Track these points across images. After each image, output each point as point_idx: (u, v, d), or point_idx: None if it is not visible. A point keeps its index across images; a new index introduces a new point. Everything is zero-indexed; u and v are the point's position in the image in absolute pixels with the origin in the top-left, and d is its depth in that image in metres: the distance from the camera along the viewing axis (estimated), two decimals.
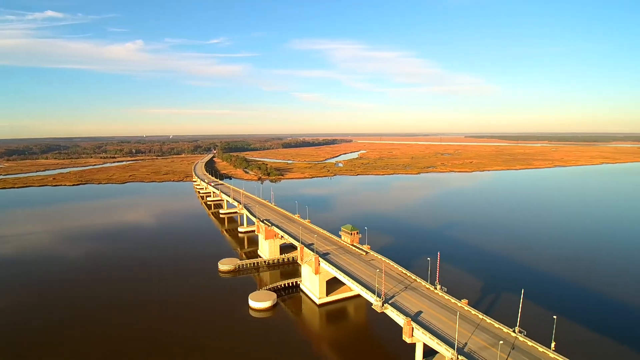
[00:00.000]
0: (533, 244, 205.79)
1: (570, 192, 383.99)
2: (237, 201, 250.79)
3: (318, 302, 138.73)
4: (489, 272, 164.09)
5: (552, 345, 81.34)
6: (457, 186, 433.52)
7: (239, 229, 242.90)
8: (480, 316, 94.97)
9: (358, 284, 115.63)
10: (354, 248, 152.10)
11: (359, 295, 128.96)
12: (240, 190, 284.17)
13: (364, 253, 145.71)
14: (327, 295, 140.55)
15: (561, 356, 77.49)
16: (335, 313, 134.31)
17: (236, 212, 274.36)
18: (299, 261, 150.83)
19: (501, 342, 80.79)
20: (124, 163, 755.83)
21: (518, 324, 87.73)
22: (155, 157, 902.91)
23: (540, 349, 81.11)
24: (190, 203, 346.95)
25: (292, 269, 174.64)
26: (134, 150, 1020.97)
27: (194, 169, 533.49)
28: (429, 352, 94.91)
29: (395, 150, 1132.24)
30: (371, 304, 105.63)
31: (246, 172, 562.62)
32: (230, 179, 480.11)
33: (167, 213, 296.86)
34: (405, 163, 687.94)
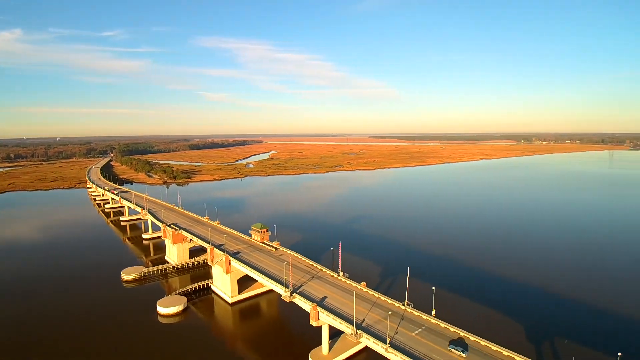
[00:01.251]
0: (418, 230, 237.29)
1: (452, 184, 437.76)
2: (140, 207, 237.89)
3: (230, 301, 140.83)
4: (383, 256, 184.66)
5: (433, 312, 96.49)
6: (361, 183, 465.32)
7: (144, 236, 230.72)
8: (377, 295, 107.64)
9: (268, 279, 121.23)
10: (264, 245, 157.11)
11: (271, 290, 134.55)
12: (144, 195, 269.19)
13: (274, 249, 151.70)
14: (239, 294, 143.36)
15: (441, 320, 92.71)
16: (248, 310, 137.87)
17: (140, 219, 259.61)
18: (209, 263, 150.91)
19: (390, 312, 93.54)
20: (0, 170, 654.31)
21: (406, 297, 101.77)
22: (39, 162, 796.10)
23: (424, 317, 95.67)
24: (85, 212, 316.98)
25: (202, 271, 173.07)
26: (12, 155, 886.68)
27: (88, 174, 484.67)
28: (335, 333, 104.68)
29: (305, 150, 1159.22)
30: (281, 296, 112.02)
31: (149, 176, 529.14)
32: (132, 184, 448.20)
33: (59, 224, 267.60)
34: (314, 163, 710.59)
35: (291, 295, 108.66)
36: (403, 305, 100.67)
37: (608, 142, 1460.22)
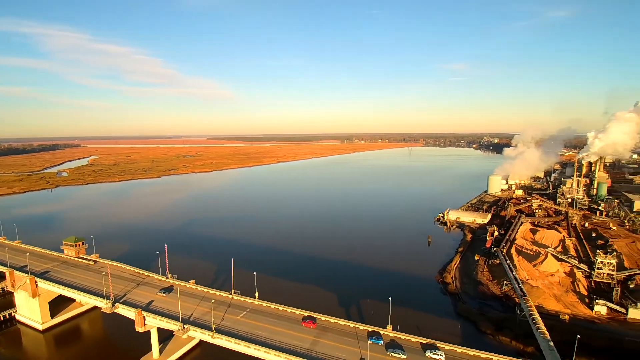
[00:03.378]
0: (245, 225, 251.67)
1: (282, 181, 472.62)
2: None
3: (41, 328, 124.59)
4: (212, 252, 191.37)
5: (256, 295, 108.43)
6: (196, 185, 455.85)
7: None
8: (205, 290, 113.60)
9: (84, 294, 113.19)
10: (80, 260, 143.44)
11: (94, 308, 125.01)
12: None
13: (93, 262, 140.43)
14: (52, 318, 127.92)
15: (264, 301, 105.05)
16: (66, 334, 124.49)
17: None
18: (10, 289, 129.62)
19: (213, 301, 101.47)
20: None
21: (232, 287, 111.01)
22: None
23: (249, 301, 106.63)
24: None
25: (1, 301, 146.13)
26: None
27: None
28: (168, 335, 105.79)
29: (134, 154, 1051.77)
30: (102, 309, 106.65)
31: None
32: None
33: None
34: (145, 167, 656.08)
35: (113, 306, 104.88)
36: (230, 294, 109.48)
37: (408, 140, 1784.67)
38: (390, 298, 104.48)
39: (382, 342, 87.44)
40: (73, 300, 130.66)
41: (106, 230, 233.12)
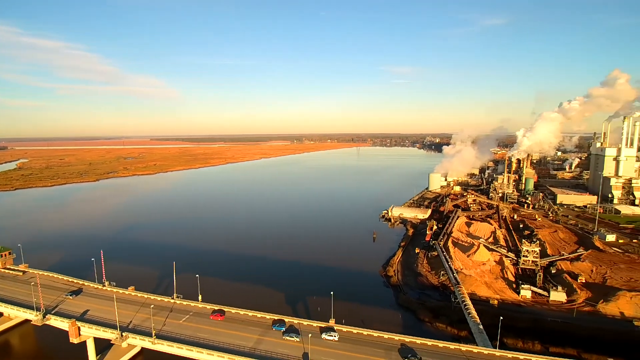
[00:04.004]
0: (187, 228, 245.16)
1: (228, 183, 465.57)
2: None
3: None
4: (153, 257, 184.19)
5: (200, 298, 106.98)
6: (137, 189, 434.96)
7: None
8: (146, 296, 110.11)
9: (12, 306, 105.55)
10: (7, 271, 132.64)
11: (26, 321, 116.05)
12: None
13: (21, 273, 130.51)
14: None
15: (208, 303, 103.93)
16: None
17: None
18: None
19: (152, 306, 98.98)
20: None
21: (175, 291, 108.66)
22: None
23: (192, 304, 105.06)
24: None
25: None
26: None
27: None
28: (107, 345, 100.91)
29: (69, 156, 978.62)
30: (32, 321, 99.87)
31: None
32: None
33: None
34: (81, 170, 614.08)
35: (44, 317, 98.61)
36: (172, 298, 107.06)
37: (356, 140, 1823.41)
38: (332, 293, 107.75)
39: (283, 328, 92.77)
40: (1, 314, 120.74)
41: (37, 239, 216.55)
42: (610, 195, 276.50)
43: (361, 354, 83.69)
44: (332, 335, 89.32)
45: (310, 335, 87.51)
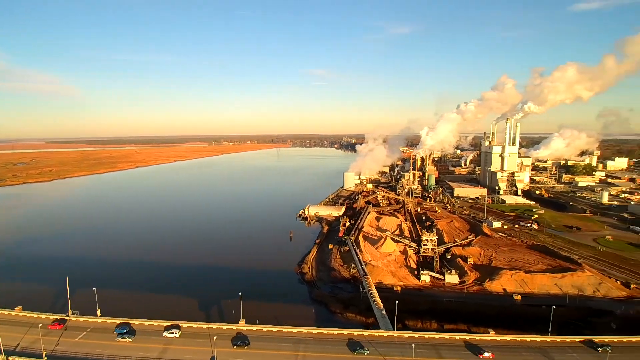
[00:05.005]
0: (80, 240, 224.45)
1: (132, 189, 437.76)
2: None
3: None
4: (43, 274, 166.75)
5: (98, 312, 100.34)
6: (27, 198, 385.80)
7: None
8: (36, 315, 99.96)
9: None
10: None
11: None
12: None
13: None
14: None
15: (107, 317, 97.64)
16: None
17: None
18: None
19: (40, 325, 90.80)
20: None
21: (69, 307, 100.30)
22: None
23: (91, 319, 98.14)
24: None
25: None
26: None
27: None
28: None
29: None
30: None
31: None
32: None
33: None
34: None
35: None
36: (66, 315, 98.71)
37: (276, 141, 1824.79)
38: (240, 294, 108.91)
39: (125, 330, 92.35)
40: None
41: None
42: (497, 187, 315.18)
43: (269, 350, 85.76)
44: (172, 333, 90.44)
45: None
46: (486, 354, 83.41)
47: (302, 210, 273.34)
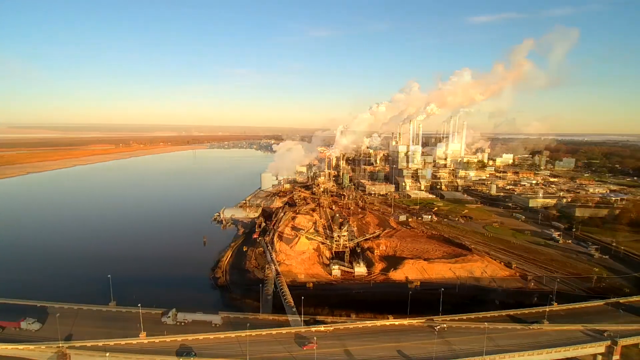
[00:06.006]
0: None
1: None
2: None
3: None
4: None
5: None
6: None
7: None
8: None
9: None
10: None
11: None
12: None
13: None
14: None
15: None
16: None
17: None
18: None
19: None
20: None
21: None
22: None
23: None
24: None
25: None
26: None
27: None
28: None
29: None
30: None
31: None
32: None
33: None
34: None
35: None
36: None
37: (192, 142, 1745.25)
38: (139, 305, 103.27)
39: None
40: None
41: None
42: (404, 184, 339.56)
43: None
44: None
45: None
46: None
47: (217, 214, 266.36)
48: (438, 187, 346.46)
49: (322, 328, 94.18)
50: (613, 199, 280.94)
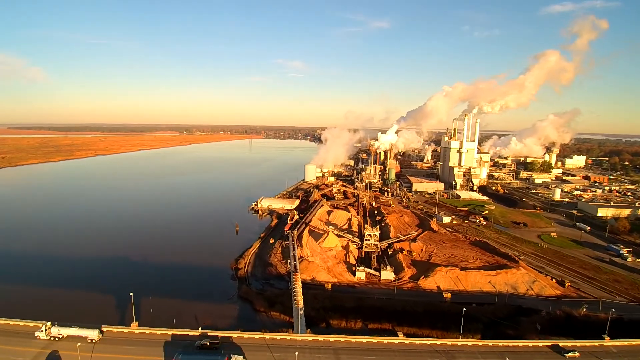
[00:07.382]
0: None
1: (91, 178, 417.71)
2: None
3: None
4: None
5: None
6: None
7: None
8: None
9: None
10: None
11: None
12: None
13: None
14: None
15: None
16: None
17: None
18: None
19: None
20: None
21: None
22: None
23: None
24: None
25: None
26: None
27: None
28: None
29: None
30: None
31: None
32: None
33: None
34: None
35: None
36: None
37: (249, 132, 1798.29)
38: (131, 294, 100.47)
39: None
40: None
41: None
42: (454, 183, 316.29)
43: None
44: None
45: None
46: None
47: (254, 203, 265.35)
48: (493, 188, 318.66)
49: (320, 339, 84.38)
50: None
